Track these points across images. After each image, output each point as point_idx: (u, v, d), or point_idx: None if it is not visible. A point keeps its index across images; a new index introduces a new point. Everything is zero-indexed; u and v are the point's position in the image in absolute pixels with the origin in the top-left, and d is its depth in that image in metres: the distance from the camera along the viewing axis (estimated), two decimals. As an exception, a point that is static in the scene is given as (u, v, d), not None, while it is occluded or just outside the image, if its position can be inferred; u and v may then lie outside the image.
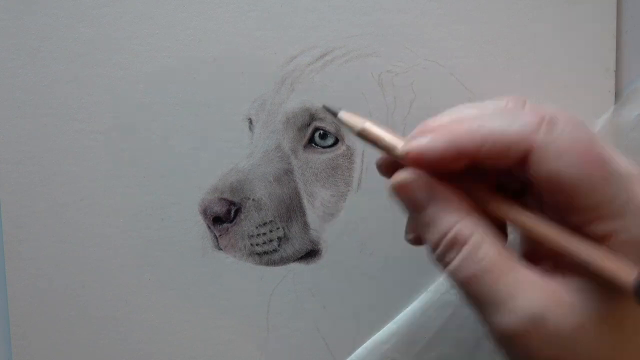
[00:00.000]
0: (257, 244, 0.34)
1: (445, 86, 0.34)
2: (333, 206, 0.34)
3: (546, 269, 0.24)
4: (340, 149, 0.34)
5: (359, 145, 0.34)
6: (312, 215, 0.34)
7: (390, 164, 0.26)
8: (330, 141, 0.34)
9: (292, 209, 0.34)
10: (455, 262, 0.24)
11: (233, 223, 0.34)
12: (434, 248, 0.25)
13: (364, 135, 0.26)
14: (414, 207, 0.25)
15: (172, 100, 0.34)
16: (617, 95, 0.33)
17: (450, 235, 0.24)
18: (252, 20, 0.34)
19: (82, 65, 0.34)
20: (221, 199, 0.34)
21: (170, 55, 0.34)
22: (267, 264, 0.35)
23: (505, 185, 0.25)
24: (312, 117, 0.34)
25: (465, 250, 0.24)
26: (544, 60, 0.33)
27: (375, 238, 0.35)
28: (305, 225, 0.34)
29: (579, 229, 0.23)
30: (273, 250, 0.34)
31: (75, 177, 0.35)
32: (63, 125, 0.35)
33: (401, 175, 0.25)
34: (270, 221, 0.34)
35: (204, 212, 0.34)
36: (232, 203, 0.34)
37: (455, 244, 0.24)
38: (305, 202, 0.34)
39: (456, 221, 0.25)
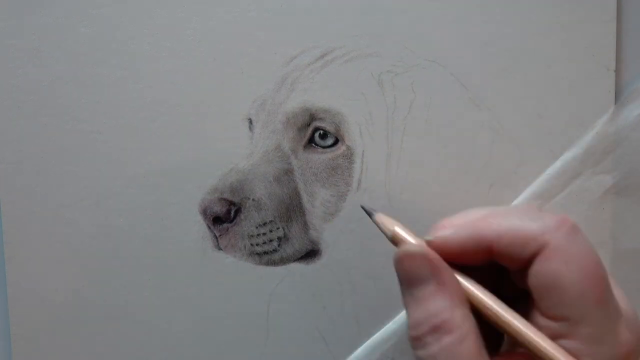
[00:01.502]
0: (257, 244, 0.34)
1: (445, 86, 0.34)
2: (333, 206, 0.34)
3: None
4: (340, 149, 0.34)
5: (359, 145, 0.34)
6: (312, 215, 0.34)
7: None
8: (330, 141, 0.34)
9: (292, 209, 0.34)
10: (433, 348, 0.24)
11: (233, 223, 0.34)
12: (415, 326, 0.25)
13: (394, 239, 0.27)
14: (413, 279, 0.25)
15: (172, 100, 0.34)
16: (617, 95, 0.33)
17: (437, 320, 0.24)
18: (252, 20, 0.34)
19: (82, 65, 0.34)
20: (221, 199, 0.34)
21: (170, 55, 0.34)
22: (267, 264, 0.35)
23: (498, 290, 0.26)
24: (312, 117, 0.34)
25: (447, 340, 0.24)
26: (544, 60, 0.33)
27: (375, 238, 0.34)
28: (305, 225, 0.34)
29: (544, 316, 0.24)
30: (273, 250, 0.34)
31: (75, 177, 0.35)
32: (63, 125, 0.35)
33: (412, 247, 0.25)
34: (270, 221, 0.34)
35: (204, 212, 0.34)
36: (232, 203, 0.34)
37: (439, 330, 0.24)
38: (305, 202, 0.34)
39: (450, 307, 0.24)
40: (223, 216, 0.34)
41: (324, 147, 0.34)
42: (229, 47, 0.34)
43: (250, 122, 0.34)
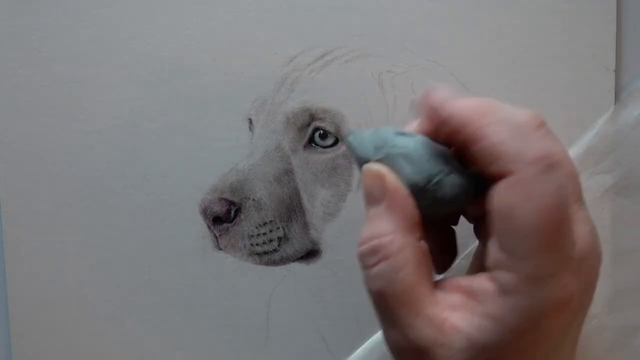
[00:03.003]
0: (257, 244, 0.34)
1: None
2: (333, 206, 0.34)
3: (456, 301, 0.24)
4: (340, 149, 0.34)
5: (359, 145, 0.34)
6: (312, 215, 0.34)
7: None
8: (330, 141, 0.34)
9: (292, 209, 0.34)
10: (371, 271, 0.24)
11: (233, 223, 0.34)
12: (360, 243, 0.25)
13: None
14: (369, 197, 0.25)
15: (172, 100, 0.34)
16: (617, 95, 0.34)
17: (375, 242, 0.24)
18: (252, 20, 0.34)
19: (82, 65, 0.34)
20: (221, 199, 0.34)
21: (170, 55, 0.34)
22: (267, 264, 0.35)
23: None
24: (312, 117, 0.34)
25: (382, 266, 0.24)
26: (544, 60, 0.33)
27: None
28: (305, 225, 0.34)
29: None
30: (273, 250, 0.34)
31: (75, 177, 0.35)
32: (63, 125, 0.35)
33: (373, 165, 0.25)
34: (270, 221, 0.34)
35: (204, 212, 0.34)
36: (232, 203, 0.34)
37: (376, 254, 0.24)
38: (305, 202, 0.34)
39: (391, 232, 0.24)
40: (223, 216, 0.34)
41: (324, 147, 0.34)
42: (229, 47, 0.34)
43: (250, 122, 0.34)
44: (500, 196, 0.23)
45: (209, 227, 0.35)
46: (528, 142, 0.23)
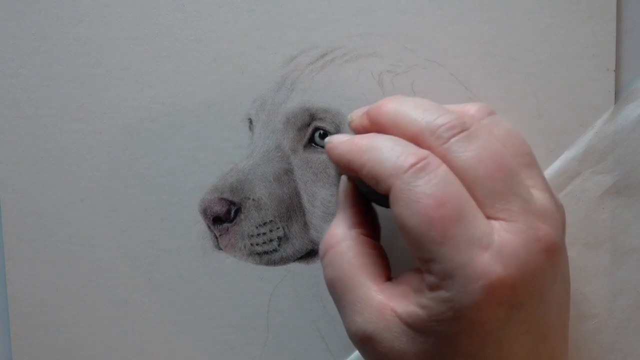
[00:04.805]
0: (257, 244, 0.34)
1: (445, 86, 0.34)
2: (333, 206, 0.34)
3: (399, 289, 0.26)
4: (340, 149, 0.34)
5: (359, 145, 0.34)
6: (313, 215, 0.34)
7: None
8: (330, 141, 0.34)
9: (292, 208, 0.34)
10: (324, 261, 0.28)
11: (233, 223, 0.34)
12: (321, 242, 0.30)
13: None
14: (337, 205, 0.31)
15: (172, 100, 0.34)
16: (617, 95, 0.34)
17: (326, 235, 0.29)
18: (252, 20, 0.34)
19: (82, 65, 0.34)
20: (221, 199, 0.34)
21: (170, 55, 0.34)
22: (267, 264, 0.35)
23: None
24: (312, 117, 0.34)
25: (330, 253, 0.28)
26: (544, 60, 0.33)
27: (375, 238, 0.35)
28: (306, 225, 0.34)
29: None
30: (273, 250, 0.35)
31: (75, 177, 0.35)
32: (63, 125, 0.35)
33: (343, 176, 0.30)
34: (270, 221, 0.34)
35: (204, 212, 0.34)
36: (232, 203, 0.34)
37: (326, 244, 0.29)
38: (305, 202, 0.34)
39: (339, 226, 0.29)
40: (223, 216, 0.34)
41: (324, 147, 0.34)
42: (229, 47, 0.34)
43: (250, 122, 0.34)
44: (392, 211, 0.25)
45: (209, 227, 0.35)
46: (402, 152, 0.25)
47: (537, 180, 0.26)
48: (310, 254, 0.35)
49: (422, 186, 0.24)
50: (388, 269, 0.28)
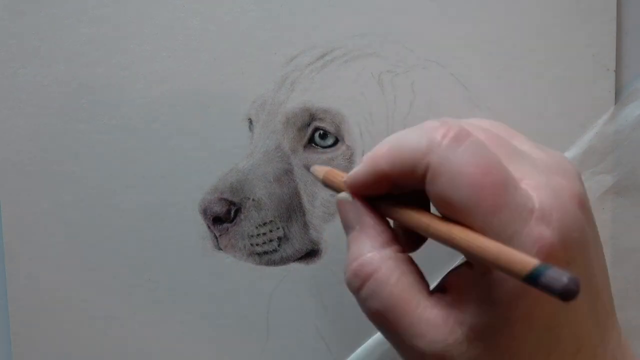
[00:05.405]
0: (257, 244, 0.34)
1: (445, 86, 0.34)
2: (333, 206, 0.34)
3: (453, 297, 0.24)
4: (340, 149, 0.34)
5: (359, 145, 0.34)
6: (312, 215, 0.34)
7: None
8: (330, 141, 0.34)
9: (292, 209, 0.34)
10: (362, 293, 0.24)
11: (233, 223, 0.34)
12: (345, 271, 0.25)
13: (325, 182, 0.28)
14: (345, 225, 0.26)
15: (172, 100, 0.34)
16: (617, 95, 0.34)
17: (356, 264, 0.24)
18: (252, 20, 0.34)
19: (82, 65, 0.34)
20: (221, 199, 0.34)
21: (170, 55, 0.34)
22: (267, 264, 0.35)
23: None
24: (312, 117, 0.34)
25: (370, 284, 0.24)
26: (544, 60, 0.33)
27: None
28: (305, 225, 0.34)
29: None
30: (273, 250, 0.35)
31: (75, 177, 0.35)
32: (63, 125, 0.35)
33: (341, 195, 0.26)
34: (270, 221, 0.34)
35: (204, 212, 0.34)
36: (232, 203, 0.34)
37: (361, 274, 0.24)
38: (305, 202, 0.34)
39: (368, 250, 0.24)
40: (223, 216, 0.34)
41: (324, 147, 0.34)
42: (229, 47, 0.34)
43: (250, 122, 0.34)
44: (432, 192, 0.23)
45: (209, 227, 0.35)
46: (426, 131, 0.23)
47: (529, 144, 0.26)
48: (310, 254, 0.35)
49: (462, 156, 0.22)
50: (425, 278, 0.26)
